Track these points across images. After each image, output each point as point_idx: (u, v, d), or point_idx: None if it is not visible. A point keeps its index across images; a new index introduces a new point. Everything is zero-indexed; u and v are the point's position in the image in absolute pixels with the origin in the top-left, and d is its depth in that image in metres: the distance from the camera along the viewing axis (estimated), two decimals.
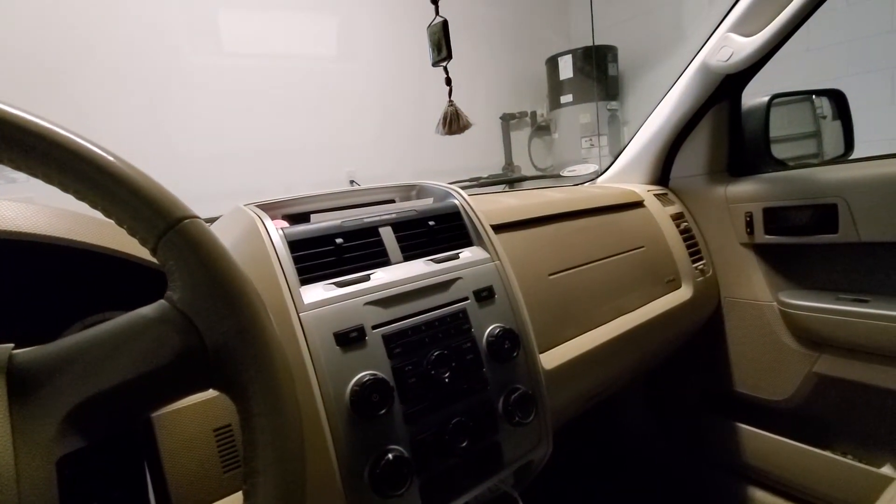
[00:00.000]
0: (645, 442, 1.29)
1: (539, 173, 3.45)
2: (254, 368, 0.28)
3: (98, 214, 0.28)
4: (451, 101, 0.64)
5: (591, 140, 3.22)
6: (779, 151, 1.09)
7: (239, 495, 0.46)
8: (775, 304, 1.00)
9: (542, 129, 3.70)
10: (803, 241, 0.96)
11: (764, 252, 1.03)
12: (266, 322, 0.29)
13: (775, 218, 0.98)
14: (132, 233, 0.27)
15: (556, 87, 3.35)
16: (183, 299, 0.27)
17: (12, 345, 0.26)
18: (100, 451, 0.25)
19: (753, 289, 1.03)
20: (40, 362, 0.25)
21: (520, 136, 3.73)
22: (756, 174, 1.04)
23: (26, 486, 0.22)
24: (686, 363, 1.17)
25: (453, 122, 0.63)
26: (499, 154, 3.60)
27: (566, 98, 3.28)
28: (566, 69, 3.22)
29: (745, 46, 0.91)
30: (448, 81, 0.63)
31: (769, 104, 1.07)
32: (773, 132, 1.09)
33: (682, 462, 1.22)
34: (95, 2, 2.21)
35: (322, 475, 0.48)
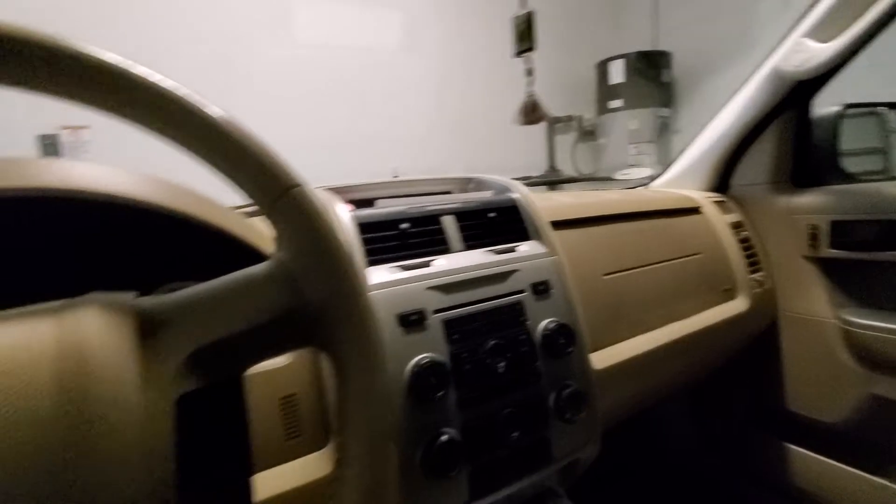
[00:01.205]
0: (689, 454, 1.26)
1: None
2: (351, 329, 0.30)
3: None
4: (531, 91, 0.64)
5: (639, 147, 3.15)
6: (846, 166, 1.04)
7: (297, 462, 0.48)
8: (836, 321, 0.95)
9: (587, 134, 3.64)
10: (871, 258, 0.91)
11: (827, 267, 0.98)
12: (364, 288, 0.31)
13: (842, 231, 0.94)
14: (250, 195, 0.29)
15: (605, 92, 3.30)
16: (292, 260, 0.29)
17: (135, 293, 0.28)
18: (210, 395, 0.27)
19: (814, 304, 0.98)
20: (163, 309, 0.27)
21: (564, 141, 3.69)
22: (823, 186, 0.99)
23: (149, 416, 0.24)
24: (736, 376, 1.13)
25: (532, 112, 0.64)
26: (542, 158, 3.57)
27: (615, 103, 3.22)
28: (617, 74, 3.16)
29: (820, 52, 0.87)
30: (530, 71, 0.63)
31: (840, 114, 1.03)
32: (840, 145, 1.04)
33: (727, 478, 1.18)
34: None
35: None
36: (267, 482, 0.46)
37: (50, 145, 2.24)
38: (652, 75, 3.13)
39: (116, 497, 0.22)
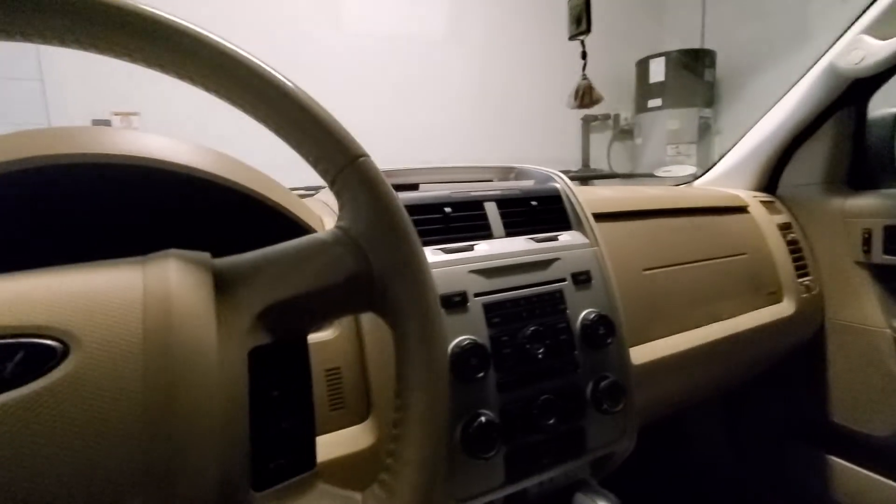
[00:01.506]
0: (720, 461, 1.22)
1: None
2: (412, 297, 0.31)
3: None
4: (584, 75, 0.64)
5: (677, 147, 3.06)
6: None
7: (341, 433, 0.49)
8: (889, 331, 0.91)
9: (624, 132, 3.57)
10: None
11: (881, 273, 0.94)
12: (423, 258, 0.31)
13: None
14: (315, 164, 0.31)
15: (644, 91, 3.22)
16: (355, 228, 0.30)
17: (209, 253, 0.30)
18: (281, 350, 0.28)
19: (865, 312, 0.94)
20: (238, 267, 0.28)
21: (599, 139, 3.62)
22: (878, 189, 0.95)
23: (225, 366, 0.25)
24: (776, 383, 1.09)
25: (585, 96, 0.64)
26: (576, 156, 3.52)
27: (654, 102, 3.14)
28: (658, 72, 3.08)
29: (879, 50, 0.84)
30: (584, 55, 0.63)
31: None
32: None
33: (758, 487, 1.14)
34: None
35: None
36: None
37: None
38: (694, 74, 3.03)
39: (193, 440, 0.23)
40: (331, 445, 0.48)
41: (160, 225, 0.50)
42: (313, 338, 0.50)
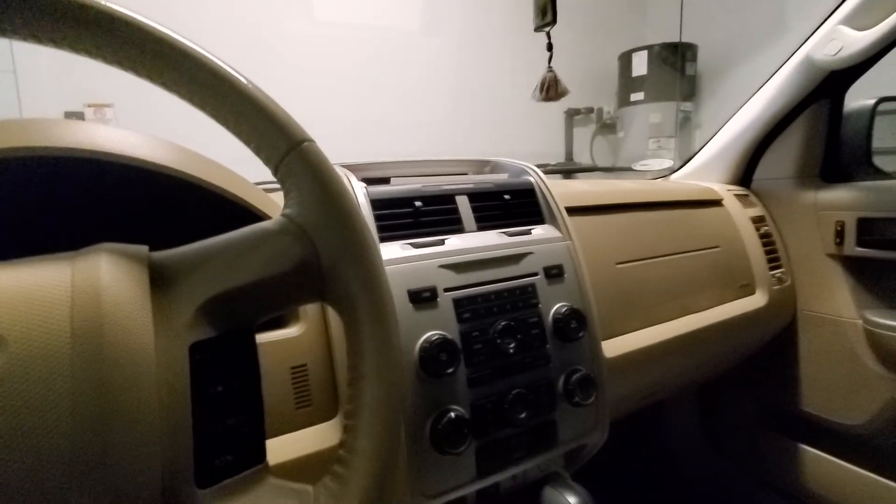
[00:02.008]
0: (695, 452, 1.24)
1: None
2: (361, 282, 0.30)
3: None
4: (550, 67, 0.63)
5: (658, 141, 3.09)
6: (878, 162, 1.01)
7: (308, 430, 0.49)
8: (860, 321, 0.92)
9: (606, 126, 3.59)
10: None
11: (852, 265, 0.95)
12: (371, 242, 0.31)
13: (871, 229, 0.91)
14: (257, 151, 0.29)
15: (626, 84, 3.23)
16: (301, 214, 0.29)
17: (147, 246, 0.29)
18: (225, 344, 0.27)
19: (836, 304, 0.96)
20: (177, 260, 0.27)
21: (582, 133, 3.64)
22: (852, 181, 0.96)
23: (163, 362, 0.24)
24: (749, 374, 1.11)
25: (551, 88, 0.63)
26: (559, 149, 3.53)
27: (637, 96, 3.16)
28: (640, 66, 3.09)
29: (857, 41, 0.84)
30: (549, 47, 0.63)
31: (875, 107, 0.99)
32: (875, 142, 1.01)
33: (733, 478, 1.16)
34: None
35: None
36: (276, 449, 0.46)
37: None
38: (676, 68, 3.05)
39: (132, 440, 0.22)
40: (297, 444, 0.47)
41: (113, 219, 0.48)
42: (277, 335, 0.49)
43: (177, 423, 0.24)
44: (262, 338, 0.48)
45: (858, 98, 1.00)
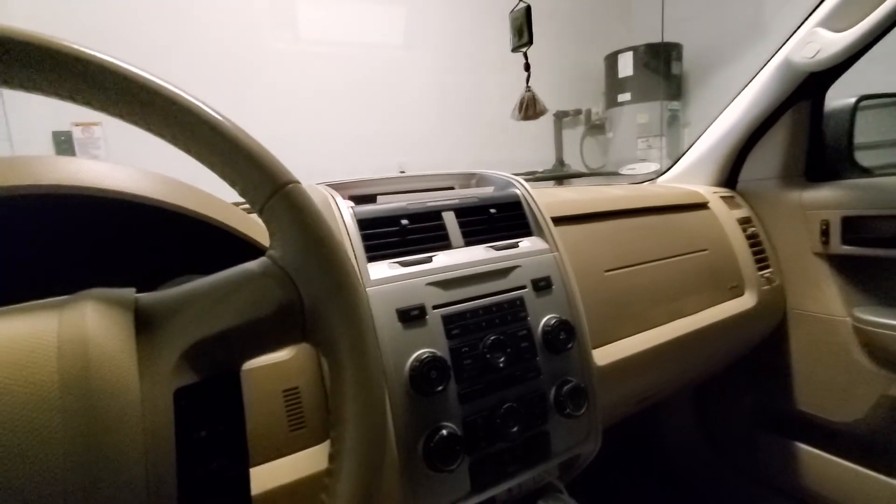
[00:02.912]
0: (693, 453, 1.25)
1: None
2: (344, 325, 0.30)
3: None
4: (528, 87, 0.64)
5: (647, 141, 3.11)
6: (861, 159, 1.02)
7: (302, 454, 0.49)
8: (849, 319, 0.94)
9: (596, 127, 3.61)
10: (886, 254, 0.89)
11: (839, 263, 0.97)
12: (356, 284, 0.31)
13: (855, 227, 0.92)
14: (242, 194, 0.30)
15: (613, 85, 3.26)
16: (284, 257, 0.30)
17: (135, 289, 0.29)
18: (209, 388, 0.27)
19: (825, 302, 0.97)
20: (161, 304, 0.27)
21: (572, 135, 3.65)
22: (836, 180, 0.97)
23: (148, 408, 0.25)
24: (742, 374, 1.12)
25: (530, 108, 0.64)
26: (549, 152, 3.54)
27: (624, 97, 3.19)
28: (626, 67, 3.12)
29: (834, 43, 0.85)
30: (527, 67, 0.63)
31: (856, 106, 1.00)
32: (857, 138, 1.02)
33: (730, 478, 1.17)
34: None
35: None
36: (271, 473, 0.47)
37: (64, 141, 2.28)
38: (661, 68, 3.08)
39: (117, 487, 0.22)
40: (291, 468, 0.47)
41: (103, 252, 0.49)
42: (269, 358, 0.49)
43: (161, 469, 0.24)
44: (254, 362, 0.48)
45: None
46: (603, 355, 0.70)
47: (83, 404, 0.23)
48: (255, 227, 0.51)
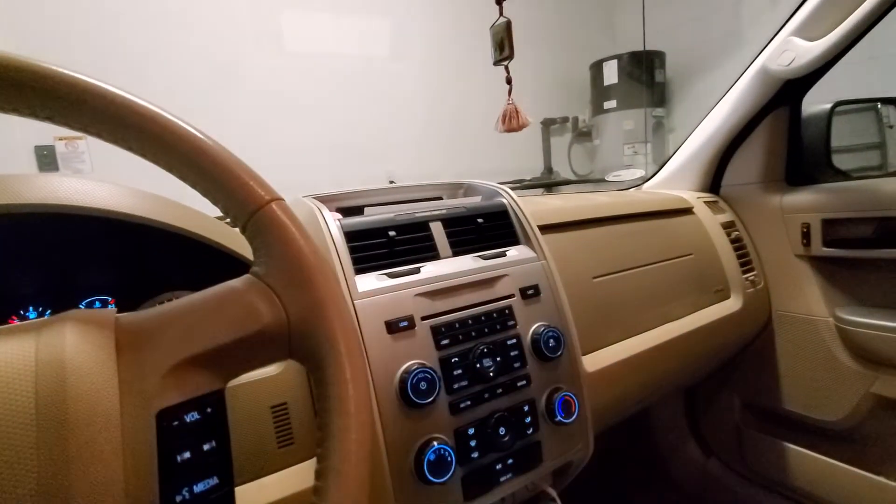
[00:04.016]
0: (683, 455, 1.26)
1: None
2: (329, 342, 0.30)
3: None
4: (510, 100, 0.65)
5: (634, 147, 3.16)
6: (838, 163, 1.05)
7: (291, 470, 0.48)
8: (832, 319, 0.95)
9: (583, 135, 3.65)
10: (865, 255, 0.91)
11: (821, 265, 0.98)
12: (340, 299, 0.31)
13: (835, 230, 0.94)
14: (225, 211, 0.30)
15: (599, 93, 3.31)
16: (268, 274, 0.30)
17: (116, 309, 0.28)
18: (193, 409, 0.27)
19: (808, 303, 0.98)
20: (143, 324, 0.27)
21: (560, 142, 3.69)
22: (815, 184, 1.00)
23: (129, 430, 0.24)
24: (732, 376, 1.13)
25: (512, 120, 0.64)
26: (538, 159, 3.58)
27: (610, 104, 3.23)
28: (611, 75, 3.17)
29: (808, 51, 0.88)
30: (508, 80, 0.64)
31: (832, 111, 1.03)
32: (833, 142, 1.05)
33: (721, 478, 1.17)
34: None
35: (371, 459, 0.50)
36: (259, 491, 0.46)
37: (46, 156, 2.25)
38: (645, 75, 3.14)
39: None
40: (279, 485, 0.47)
41: (84, 271, 0.48)
42: (255, 374, 0.49)
43: (142, 495, 0.24)
44: (241, 378, 0.48)
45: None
46: (592, 362, 0.70)
47: (59, 429, 0.22)
48: (239, 242, 0.51)
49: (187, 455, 0.26)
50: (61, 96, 0.26)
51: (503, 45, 0.59)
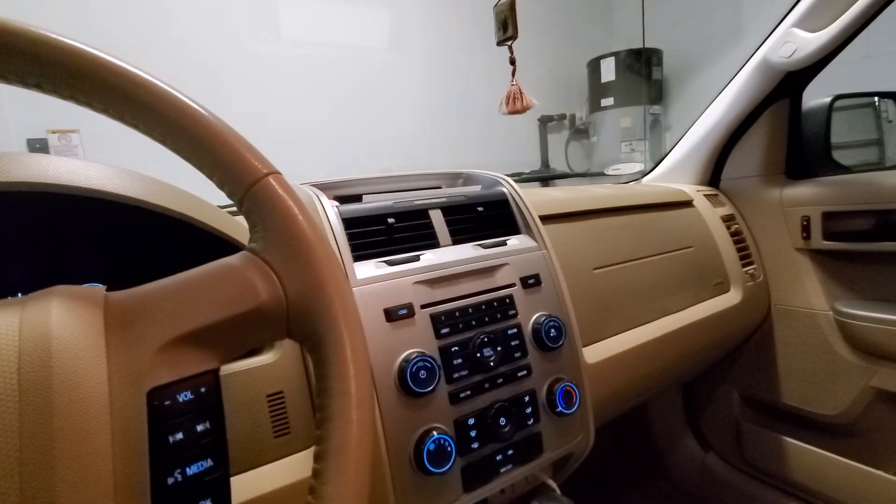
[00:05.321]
0: (682, 449, 1.25)
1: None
2: (329, 320, 0.29)
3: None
4: (514, 81, 0.64)
5: (631, 144, 3.16)
6: (837, 157, 1.04)
7: (287, 460, 0.47)
8: (831, 313, 0.95)
9: (580, 132, 3.65)
10: (865, 248, 0.91)
11: (820, 258, 0.98)
12: (340, 277, 0.30)
13: (835, 223, 0.93)
14: (221, 185, 0.28)
15: (596, 90, 3.30)
16: (266, 249, 0.28)
17: (104, 286, 0.27)
18: (186, 388, 0.26)
19: (808, 296, 0.98)
20: (134, 300, 0.26)
21: (557, 139, 3.69)
22: (815, 177, 0.99)
23: (118, 410, 0.23)
24: (731, 370, 1.13)
25: (517, 101, 0.64)
26: (535, 157, 3.57)
27: (607, 101, 3.23)
28: (608, 72, 3.17)
29: (809, 42, 0.87)
30: (512, 61, 0.63)
31: (831, 105, 1.03)
32: (832, 139, 1.05)
33: (720, 473, 1.17)
34: None
35: None
36: (255, 481, 0.45)
37: (39, 149, 2.22)
38: (643, 72, 3.14)
39: (85, 491, 0.21)
40: (276, 475, 0.46)
41: (76, 251, 0.47)
42: (251, 362, 0.48)
43: (132, 476, 0.23)
44: (235, 366, 0.47)
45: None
46: (593, 353, 0.69)
47: (44, 406, 0.21)
48: (237, 228, 0.50)
49: (180, 436, 0.25)
50: (52, 62, 0.24)
51: (507, 25, 0.58)
